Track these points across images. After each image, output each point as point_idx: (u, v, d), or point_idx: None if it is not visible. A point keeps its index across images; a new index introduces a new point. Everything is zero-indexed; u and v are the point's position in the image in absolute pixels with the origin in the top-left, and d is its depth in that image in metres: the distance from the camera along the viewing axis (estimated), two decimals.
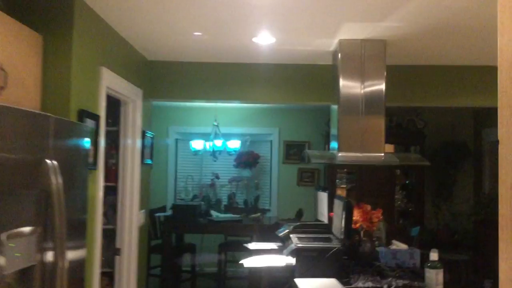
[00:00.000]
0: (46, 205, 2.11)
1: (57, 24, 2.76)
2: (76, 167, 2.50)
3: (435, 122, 7.07)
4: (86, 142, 2.63)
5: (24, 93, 2.50)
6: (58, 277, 2.14)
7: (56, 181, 2.14)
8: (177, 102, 6.84)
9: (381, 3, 2.91)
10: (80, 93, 2.90)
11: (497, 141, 1.13)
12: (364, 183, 6.82)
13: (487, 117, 6.79)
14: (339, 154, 3.56)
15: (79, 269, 2.55)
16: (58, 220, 2.13)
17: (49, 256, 2.14)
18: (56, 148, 2.22)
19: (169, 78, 4.66)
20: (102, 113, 3.23)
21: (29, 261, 2.01)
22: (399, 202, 6.96)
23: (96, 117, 3.09)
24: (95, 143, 3.06)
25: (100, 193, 3.26)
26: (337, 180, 6.92)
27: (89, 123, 2.96)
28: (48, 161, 2.12)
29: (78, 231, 2.56)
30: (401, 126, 6.87)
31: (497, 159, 1.16)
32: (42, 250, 2.10)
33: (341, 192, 7.00)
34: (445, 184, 7.03)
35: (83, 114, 2.87)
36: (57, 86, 2.73)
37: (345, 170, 6.96)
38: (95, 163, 3.08)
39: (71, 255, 2.40)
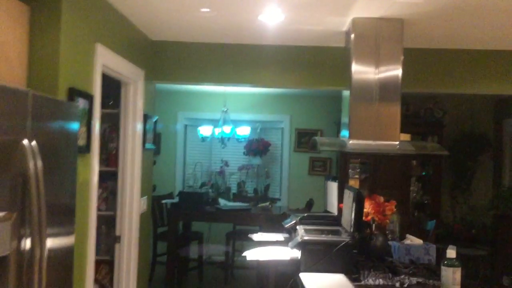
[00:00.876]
0: (23, 190, 1.93)
1: None
2: (62, 149, 2.32)
3: (453, 112, 6.82)
4: (75, 123, 2.44)
5: (7, 68, 2.31)
6: (36, 265, 1.96)
7: (35, 164, 1.96)
8: (186, 87, 6.69)
9: None
10: (71, 70, 2.71)
11: None
12: (379, 173, 6.59)
13: (509, 106, 6.50)
14: (350, 142, 3.32)
15: (65, 257, 2.39)
16: (35, 206, 1.95)
17: (27, 245, 1.96)
18: (37, 129, 2.03)
19: (173, 59, 4.45)
20: (97, 92, 3.03)
21: (2, 250, 1.83)
22: (414, 194, 6.71)
23: (89, 97, 2.90)
24: (88, 125, 2.87)
25: (95, 178, 3.08)
26: (350, 170, 6.70)
27: (81, 102, 2.77)
28: (25, 142, 1.93)
29: (64, 217, 2.39)
30: (418, 115, 6.62)
31: None
32: (18, 240, 1.93)
33: (354, 182, 6.77)
34: (463, 177, 6.78)
35: (74, 93, 2.67)
36: (45, 61, 2.54)
37: (359, 160, 6.74)
38: (88, 146, 2.89)
39: (55, 242, 2.25)
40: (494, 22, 3.47)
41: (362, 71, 3.40)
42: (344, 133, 3.60)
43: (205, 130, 6.62)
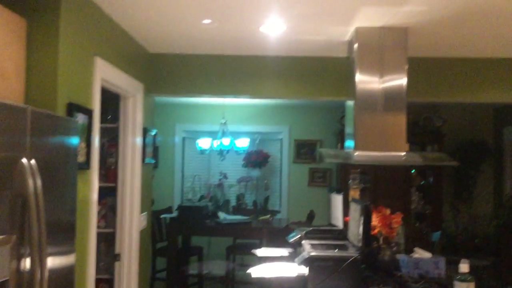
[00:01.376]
0: (22, 210, 1.85)
1: (43, 7, 2.48)
2: (62, 166, 2.23)
3: (453, 120, 6.78)
4: (74, 138, 2.36)
5: (4, 83, 2.23)
6: (36, 287, 1.87)
7: (34, 182, 1.87)
8: (184, 99, 6.62)
9: None
10: (69, 85, 2.62)
11: None
12: (379, 184, 6.52)
13: (509, 114, 6.47)
14: (356, 153, 3.26)
15: (66, 277, 2.30)
16: (35, 226, 1.87)
17: (27, 266, 1.87)
18: (36, 146, 1.95)
19: (173, 72, 4.37)
20: (96, 107, 2.95)
21: (2, 275, 1.74)
22: (415, 204, 6.63)
23: (88, 112, 2.82)
24: (87, 140, 2.79)
25: (94, 195, 2.99)
26: (349, 181, 6.62)
27: (81, 118, 2.69)
28: (24, 160, 1.85)
29: (65, 235, 2.31)
30: (417, 124, 6.56)
31: None
32: (18, 261, 1.84)
33: (354, 193, 6.70)
34: (464, 186, 6.71)
35: (73, 108, 2.59)
36: (43, 76, 2.46)
37: (358, 170, 6.66)
38: (87, 162, 2.81)
39: (56, 262, 2.16)
40: (497, 29, 3.43)
41: (367, 81, 3.34)
42: (349, 143, 3.54)
43: (203, 143, 6.54)
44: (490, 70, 4.25)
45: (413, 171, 6.52)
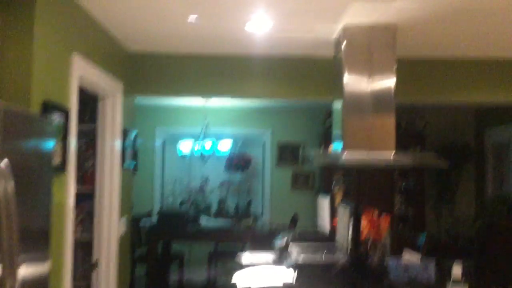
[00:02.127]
0: None
1: (17, 1, 2.32)
2: (36, 169, 2.07)
3: (435, 123, 6.77)
4: (50, 139, 2.20)
5: None
6: None
7: (5, 186, 1.71)
8: (165, 101, 6.46)
9: None
10: (45, 82, 2.47)
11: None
12: (362, 186, 6.46)
13: (489, 116, 6.49)
14: (345, 154, 3.16)
15: (40, 286, 2.13)
16: (6, 232, 1.71)
17: None
18: (8, 146, 1.79)
19: (154, 71, 4.22)
20: (73, 106, 2.79)
21: None
22: (398, 207, 6.60)
23: (65, 111, 2.66)
24: (63, 142, 2.63)
25: (71, 200, 2.82)
26: (333, 183, 6.56)
27: (57, 117, 2.53)
28: None
29: (39, 242, 2.15)
30: (399, 126, 6.52)
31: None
32: None
33: (337, 195, 6.64)
34: (447, 187, 6.71)
35: (49, 107, 2.44)
36: (17, 72, 2.30)
37: (341, 172, 6.60)
38: (63, 164, 2.65)
39: (28, 271, 2.01)
40: (484, 28, 3.39)
41: (355, 81, 3.26)
42: (337, 145, 3.45)
43: (185, 146, 6.38)
44: (475, 71, 4.22)
45: (394, 174, 6.50)
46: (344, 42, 3.27)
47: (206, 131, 6.24)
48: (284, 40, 3.72)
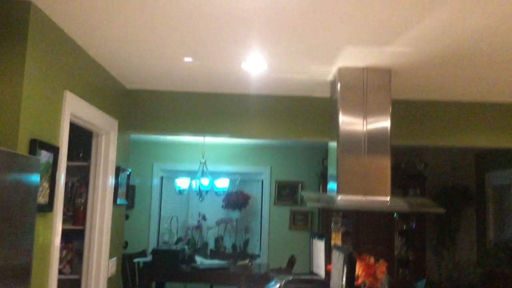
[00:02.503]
0: None
1: (8, 35, 2.33)
2: (18, 207, 2.02)
3: (435, 164, 6.71)
4: (34, 177, 2.16)
5: None
6: None
7: None
8: (162, 138, 6.44)
9: (388, 23, 2.51)
10: (34, 120, 2.45)
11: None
12: (361, 227, 6.36)
13: (490, 159, 6.43)
14: (339, 198, 3.10)
15: None
16: None
17: None
18: None
19: (150, 109, 4.21)
20: (63, 144, 2.76)
21: None
22: (398, 250, 6.46)
23: (54, 149, 2.62)
24: (51, 180, 2.58)
25: (57, 239, 2.75)
26: (332, 224, 6.47)
27: (45, 155, 2.49)
28: None
29: (18, 282, 2.06)
30: (399, 167, 6.47)
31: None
32: None
33: (336, 236, 6.53)
34: (447, 231, 6.58)
35: (36, 145, 2.40)
36: (5, 110, 2.28)
37: (340, 213, 6.51)
38: (50, 203, 2.59)
39: None
40: (479, 73, 3.38)
41: (350, 122, 3.24)
42: (332, 185, 3.39)
43: (182, 183, 6.32)
44: (472, 114, 4.18)
45: (395, 214, 6.39)
46: (339, 84, 3.27)
47: (204, 168, 6.19)
48: (280, 80, 3.72)
